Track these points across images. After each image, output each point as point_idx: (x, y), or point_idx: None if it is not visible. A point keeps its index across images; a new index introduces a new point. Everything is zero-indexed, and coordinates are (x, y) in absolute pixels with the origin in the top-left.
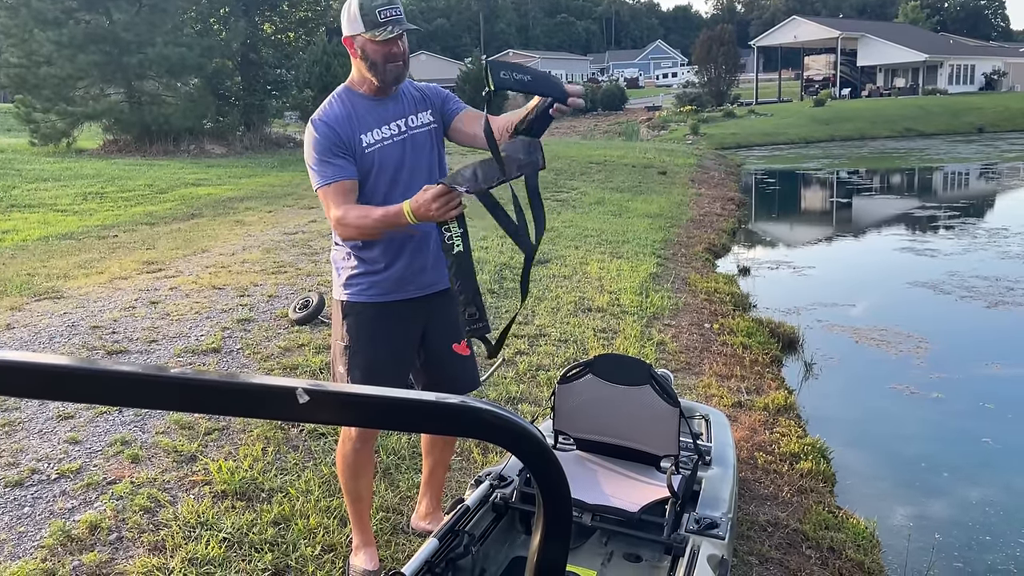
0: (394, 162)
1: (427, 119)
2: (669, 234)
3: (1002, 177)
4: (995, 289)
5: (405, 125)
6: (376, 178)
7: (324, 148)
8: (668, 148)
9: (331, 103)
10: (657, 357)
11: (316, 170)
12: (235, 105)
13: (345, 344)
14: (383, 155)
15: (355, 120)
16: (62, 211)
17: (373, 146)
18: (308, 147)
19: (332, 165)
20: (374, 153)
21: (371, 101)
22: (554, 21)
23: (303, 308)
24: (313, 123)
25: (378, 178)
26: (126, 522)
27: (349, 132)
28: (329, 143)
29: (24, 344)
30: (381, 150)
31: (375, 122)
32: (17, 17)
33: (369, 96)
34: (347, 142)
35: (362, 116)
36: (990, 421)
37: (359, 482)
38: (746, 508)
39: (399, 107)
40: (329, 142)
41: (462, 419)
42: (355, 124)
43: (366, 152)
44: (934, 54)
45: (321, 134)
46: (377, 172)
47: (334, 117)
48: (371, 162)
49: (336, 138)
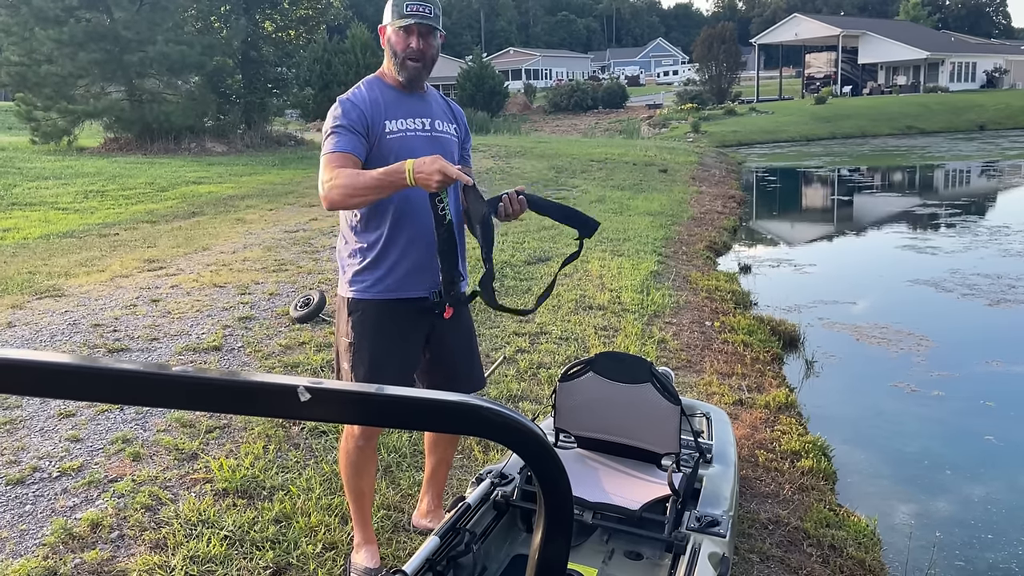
0: (414, 151)
1: (452, 130)
2: (670, 232)
3: (1003, 175)
4: (996, 287)
5: (431, 124)
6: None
7: (343, 121)
8: (669, 146)
9: (360, 87)
10: (658, 355)
11: (329, 139)
12: (236, 103)
13: (350, 341)
14: (404, 143)
15: (382, 106)
16: (63, 209)
17: (396, 134)
18: (328, 120)
19: (345, 138)
20: (396, 140)
21: (400, 94)
22: (555, 19)
23: (304, 306)
24: (340, 100)
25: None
26: (127, 520)
27: (374, 115)
28: (349, 119)
29: (25, 342)
30: (404, 138)
31: (402, 112)
32: (18, 15)
33: (398, 89)
34: (369, 123)
35: (389, 104)
36: (991, 419)
37: (362, 480)
38: (747, 506)
39: (427, 107)
40: (349, 119)
41: (463, 417)
42: (381, 110)
43: (388, 137)
44: (935, 52)
45: (345, 109)
46: (396, 159)
47: (362, 98)
48: (392, 148)
49: (359, 116)
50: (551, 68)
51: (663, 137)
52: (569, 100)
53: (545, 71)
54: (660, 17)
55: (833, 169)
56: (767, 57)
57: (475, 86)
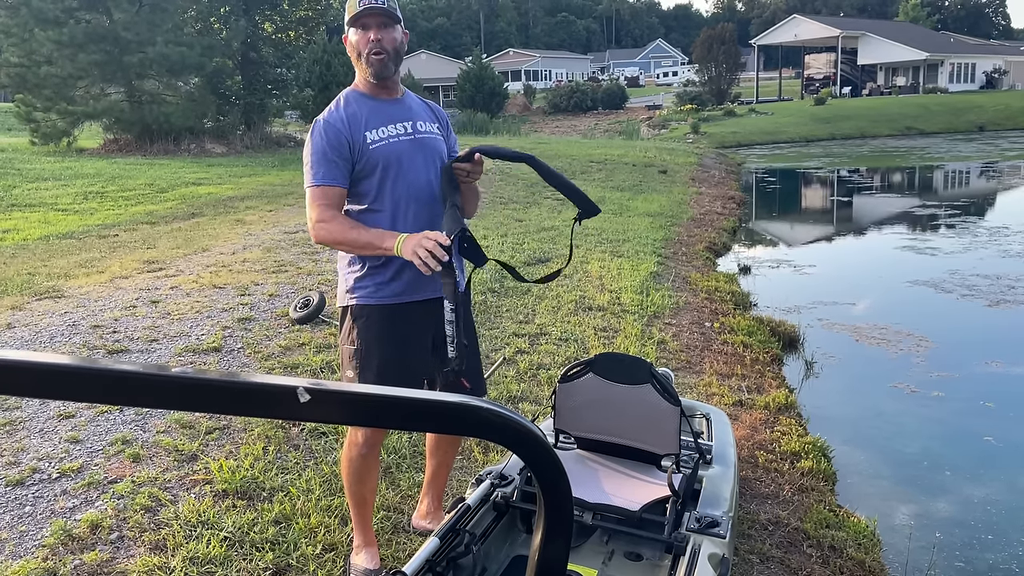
0: (400, 158)
1: (435, 130)
2: (670, 233)
3: (1003, 176)
4: (996, 287)
5: (412, 127)
6: (382, 174)
7: (323, 149)
8: (668, 147)
9: (337, 104)
10: (658, 356)
11: (311, 169)
12: (235, 104)
13: (355, 347)
14: (389, 151)
15: (360, 119)
16: (63, 210)
17: (378, 143)
18: (308, 145)
19: (327, 168)
20: (380, 149)
21: (377, 101)
22: (555, 20)
23: (304, 307)
24: (317, 124)
25: (384, 174)
26: (127, 521)
27: (353, 132)
28: (329, 145)
29: (25, 343)
30: (387, 146)
31: (381, 121)
32: (17, 16)
33: (374, 97)
34: (350, 144)
35: (368, 115)
36: (991, 419)
37: (364, 486)
38: (747, 507)
39: (406, 110)
40: (329, 145)
41: (463, 418)
42: (360, 122)
43: (371, 148)
44: (935, 52)
45: (323, 135)
46: (383, 168)
47: (338, 117)
48: (377, 158)
49: (338, 140)
50: (551, 69)
51: (663, 138)
52: (569, 101)
53: (545, 72)
54: (660, 18)
55: (833, 170)
56: (766, 58)
57: (475, 87)
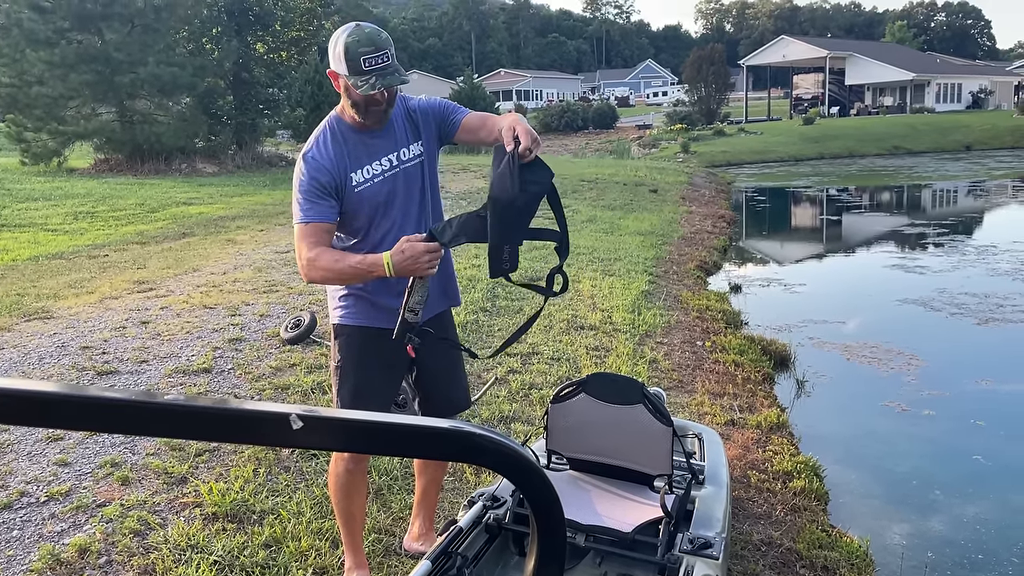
0: (384, 198)
1: (418, 151)
2: (661, 252)
3: (990, 195)
4: (985, 306)
5: (397, 159)
6: (367, 214)
7: (310, 187)
8: (659, 166)
9: (323, 136)
10: (650, 375)
11: (299, 206)
12: (227, 124)
13: (337, 364)
14: (375, 191)
15: (346, 158)
16: (52, 230)
17: (363, 184)
18: (296, 181)
19: (315, 205)
20: (365, 191)
21: (362, 134)
22: (545, 40)
23: (295, 327)
24: (304, 159)
25: (370, 214)
26: (116, 545)
27: (339, 172)
28: (316, 183)
29: (14, 365)
30: (372, 187)
31: (366, 157)
32: (9, 37)
33: (359, 129)
34: (336, 182)
35: (352, 151)
36: (981, 438)
37: (352, 503)
38: (740, 527)
39: (390, 141)
40: (316, 182)
41: (454, 443)
42: (346, 162)
43: (356, 191)
44: (921, 73)
45: (310, 173)
46: (370, 208)
47: (326, 156)
48: (362, 200)
49: (325, 178)
50: (542, 89)
51: (653, 157)
52: (560, 120)
53: (536, 92)
54: (649, 39)
55: (822, 189)
56: (755, 78)
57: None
